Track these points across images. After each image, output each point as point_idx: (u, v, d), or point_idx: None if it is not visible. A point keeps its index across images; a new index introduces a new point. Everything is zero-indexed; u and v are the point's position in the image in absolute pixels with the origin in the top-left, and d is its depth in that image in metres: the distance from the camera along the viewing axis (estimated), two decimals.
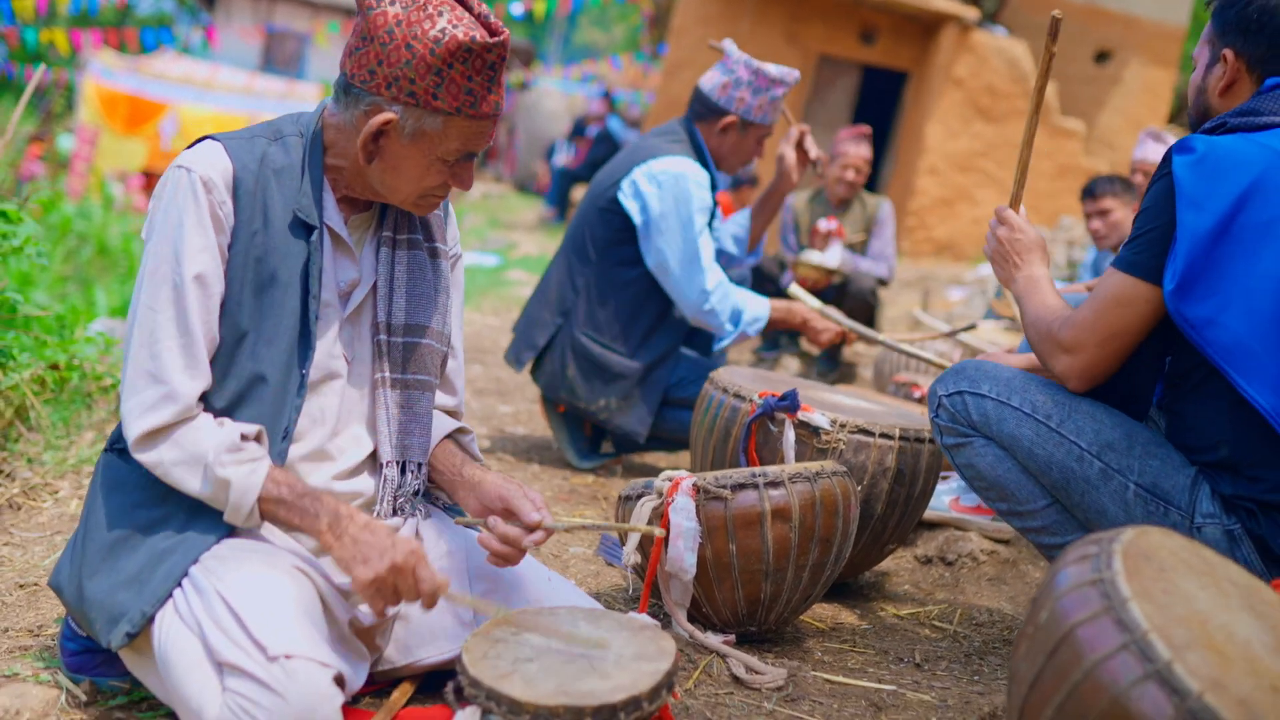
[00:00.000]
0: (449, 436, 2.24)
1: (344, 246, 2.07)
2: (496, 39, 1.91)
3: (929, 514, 3.47)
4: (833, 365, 6.37)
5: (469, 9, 1.95)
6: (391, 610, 1.92)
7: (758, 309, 3.86)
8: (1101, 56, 13.49)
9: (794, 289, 4.09)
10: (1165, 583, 1.62)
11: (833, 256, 6.03)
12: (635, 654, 1.87)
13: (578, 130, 17.52)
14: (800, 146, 4.09)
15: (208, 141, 1.97)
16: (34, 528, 2.92)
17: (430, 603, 1.86)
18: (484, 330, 6.97)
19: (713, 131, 3.93)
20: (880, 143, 14.37)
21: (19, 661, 2.10)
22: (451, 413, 2.30)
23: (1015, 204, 2.63)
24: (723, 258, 4.23)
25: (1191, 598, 1.62)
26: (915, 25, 12.99)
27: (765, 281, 6.29)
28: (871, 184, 14.16)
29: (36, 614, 2.37)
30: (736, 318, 3.84)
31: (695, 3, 13.05)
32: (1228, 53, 2.31)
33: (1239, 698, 1.43)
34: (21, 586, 2.52)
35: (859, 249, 6.60)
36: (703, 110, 3.92)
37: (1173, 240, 2.13)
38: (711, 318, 3.81)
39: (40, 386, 3.64)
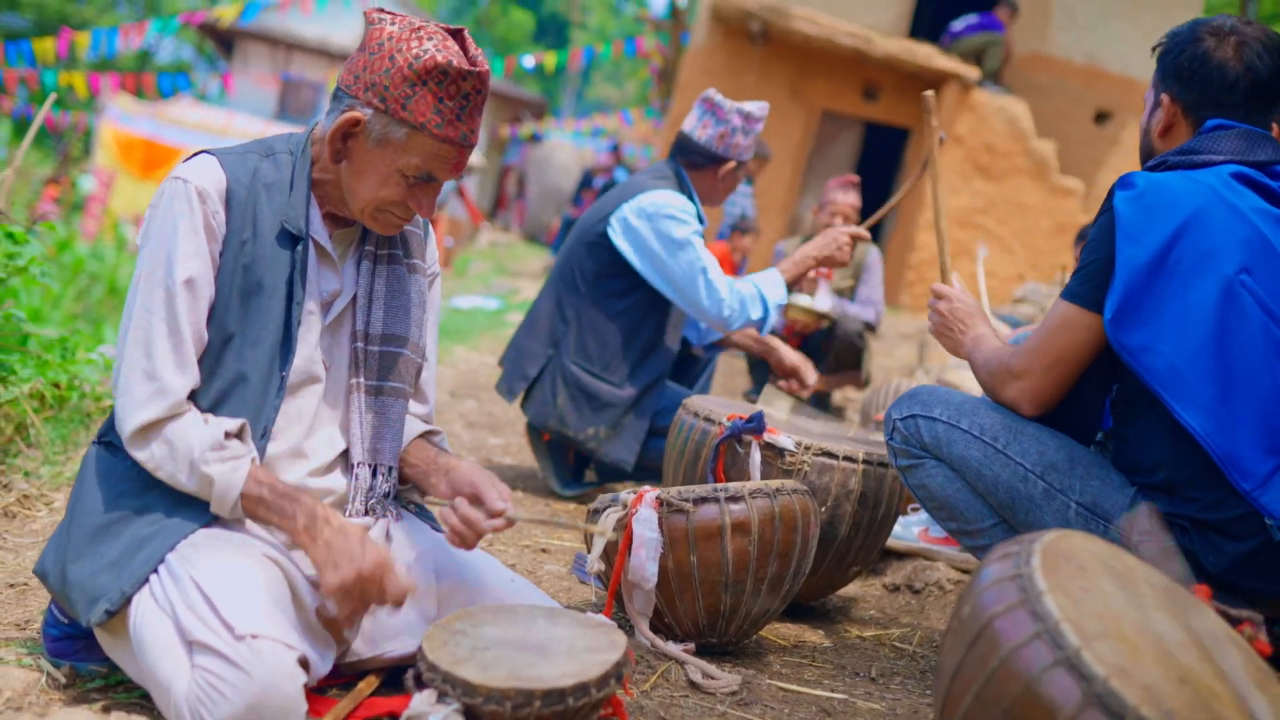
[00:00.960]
0: (420, 436, 2.35)
1: (327, 258, 2.19)
2: (472, 69, 2.02)
3: (898, 544, 3.56)
4: (822, 408, 6.47)
5: (462, 44, 2.08)
6: (360, 616, 2.01)
7: (772, 284, 4.05)
8: (1101, 117, 13.68)
9: (793, 296, 4.21)
10: (1083, 580, 1.71)
11: (822, 301, 6.14)
12: (587, 646, 1.97)
13: (585, 182, 17.72)
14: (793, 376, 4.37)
15: (203, 155, 2.10)
16: (27, 534, 3.02)
17: (397, 607, 1.97)
18: (480, 368, 7.09)
19: (712, 177, 4.12)
20: (881, 198, 14.55)
21: (3, 649, 2.20)
22: (424, 418, 2.41)
23: (946, 276, 2.78)
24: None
25: (1108, 595, 1.71)
26: (917, 83, 13.20)
27: (755, 325, 6.41)
28: (873, 237, 14.31)
29: (24, 610, 2.47)
30: (761, 300, 3.99)
31: (701, 58, 13.29)
32: (1165, 97, 2.45)
33: (1145, 684, 1.51)
34: (11, 586, 2.62)
35: (847, 294, 6.72)
36: (700, 160, 4.08)
37: (1113, 273, 2.25)
38: (740, 317, 3.97)
39: (40, 404, 3.76)
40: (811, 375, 4.32)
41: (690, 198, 4.06)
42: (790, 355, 4.34)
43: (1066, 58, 13.39)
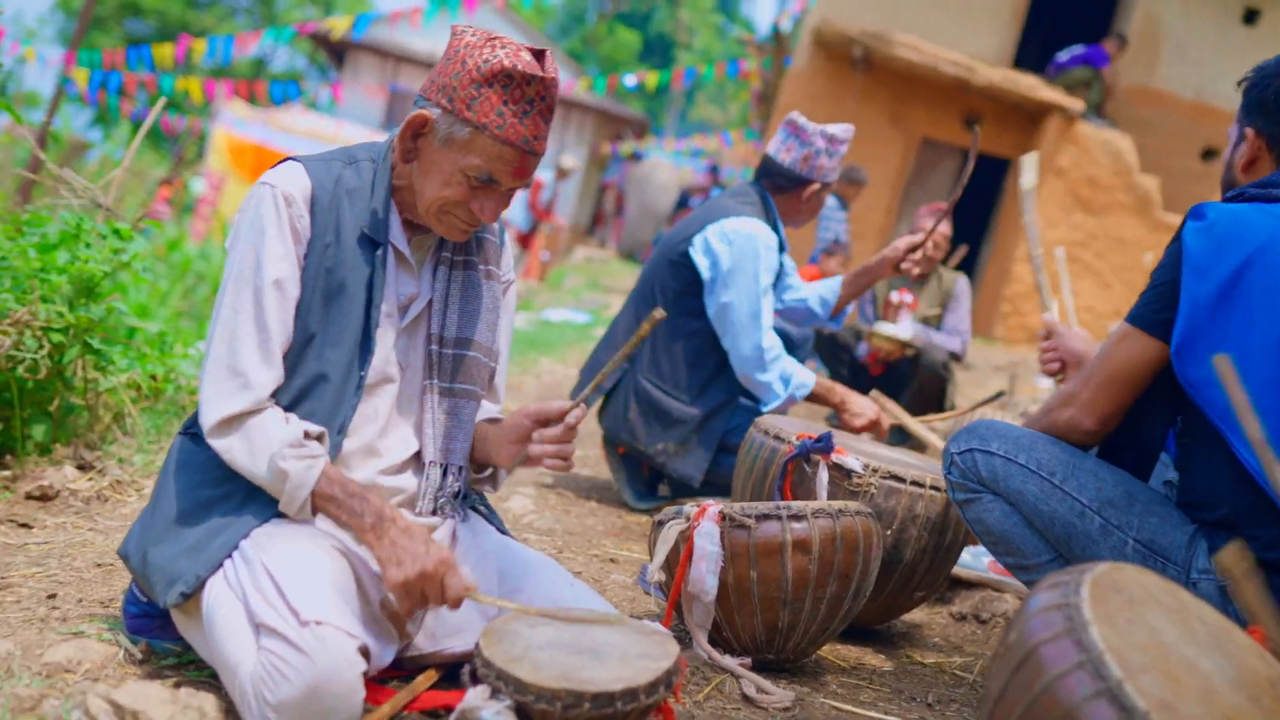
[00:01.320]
0: (485, 419, 2.43)
1: (406, 263, 2.27)
2: (537, 74, 2.08)
3: (967, 574, 3.55)
4: (903, 436, 6.43)
5: (539, 59, 2.12)
6: (420, 611, 2.07)
7: (805, 377, 4.02)
8: (1208, 154, 13.42)
9: (876, 325, 4.18)
10: (1131, 613, 1.71)
11: (905, 329, 6.12)
12: (640, 653, 2.01)
13: (682, 203, 17.83)
14: (912, 251, 4.21)
15: (290, 162, 2.20)
16: (117, 518, 3.15)
17: (455, 606, 2.02)
18: (564, 380, 7.18)
19: (797, 199, 4.14)
20: (980, 229, 14.42)
21: (87, 623, 2.31)
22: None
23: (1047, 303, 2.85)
24: (806, 314, 4.37)
25: (1156, 629, 1.71)
26: (1020, 114, 13.08)
27: (840, 350, 6.41)
28: (969, 268, 14.19)
29: (109, 589, 2.59)
30: (786, 381, 3.98)
31: (802, 82, 13.31)
32: (1249, 131, 2.43)
33: None
34: (99, 566, 2.74)
35: (933, 323, 6.68)
36: (784, 183, 4.11)
37: (1176, 300, 2.24)
38: (763, 377, 3.96)
39: (137, 394, 3.91)
40: (884, 425, 4.17)
41: (774, 222, 4.09)
42: (860, 417, 4.12)
43: (1175, 92, 13.17)
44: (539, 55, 2.13)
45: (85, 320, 3.40)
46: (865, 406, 4.06)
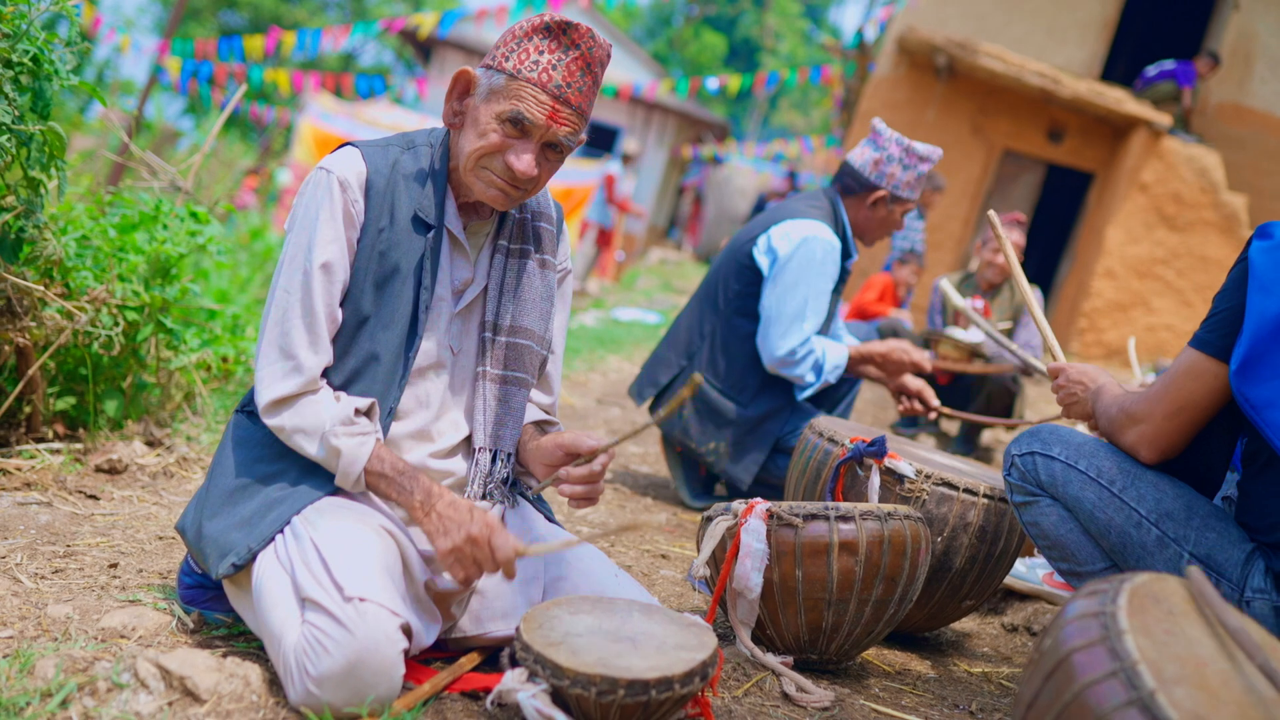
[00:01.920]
0: (534, 423, 2.45)
1: (460, 248, 2.31)
2: (573, 23, 2.13)
3: (1020, 585, 3.52)
4: (970, 447, 6.39)
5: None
6: (475, 580, 2.08)
7: (836, 358, 4.01)
8: None
9: (944, 283, 4.07)
10: (1170, 624, 1.70)
11: (975, 335, 6.07)
12: (677, 644, 2.03)
13: (759, 207, 17.82)
14: (917, 398, 4.17)
15: (348, 147, 2.25)
16: (181, 493, 3.23)
17: (509, 571, 2.03)
18: (629, 378, 7.20)
19: (862, 205, 4.09)
20: (1059, 242, 14.23)
21: (144, 592, 2.38)
22: (546, 409, 2.51)
23: (1056, 355, 2.81)
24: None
25: (1195, 642, 1.69)
26: (1105, 127, 12.89)
27: None
28: (1046, 282, 14.00)
29: (169, 561, 2.66)
30: (819, 369, 3.97)
31: (884, 89, 13.22)
32: None
33: None
34: (160, 538, 2.82)
35: (1005, 336, 6.61)
36: (853, 185, 4.08)
37: (1242, 323, 2.20)
38: (790, 371, 3.95)
39: (208, 374, 4.01)
40: (933, 398, 4.15)
41: (843, 230, 4.07)
42: (903, 363, 4.11)
43: (1267, 110, 12.89)
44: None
45: (160, 300, 3.49)
46: (903, 356, 4.04)
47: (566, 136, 2.18)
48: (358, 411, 2.14)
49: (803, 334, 3.91)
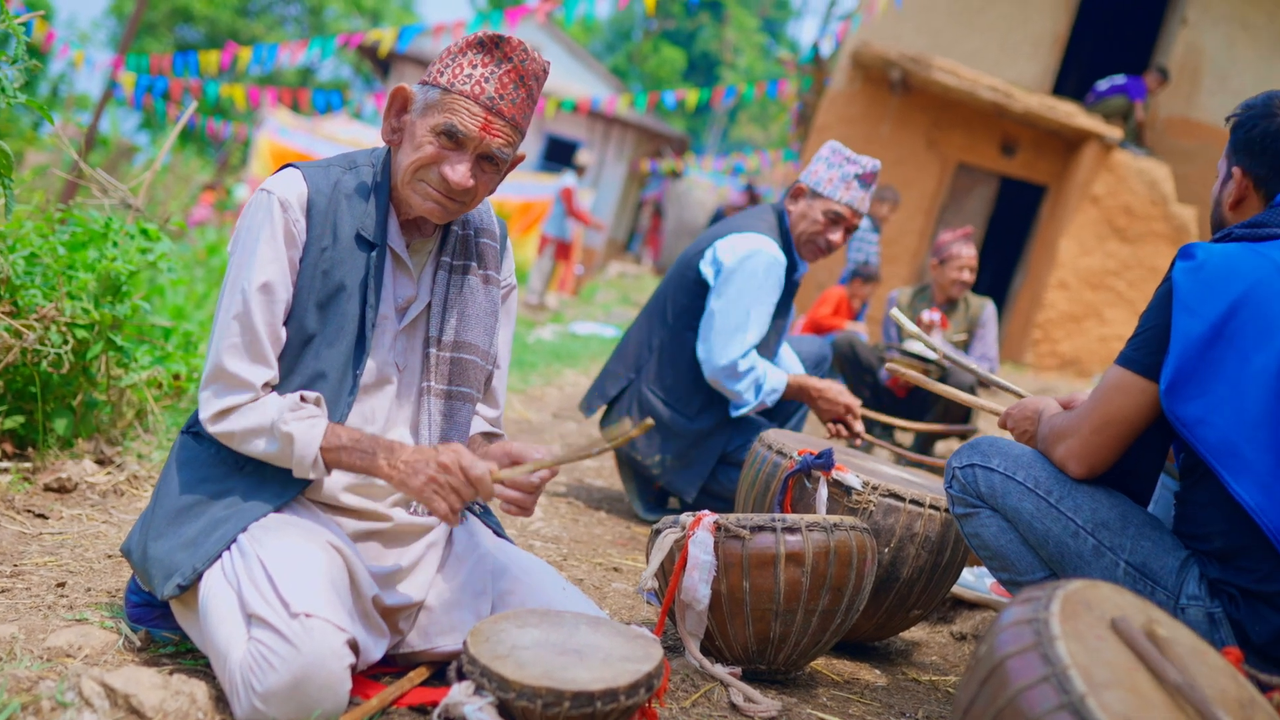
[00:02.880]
0: (481, 434, 2.48)
1: (403, 266, 2.33)
2: (504, 36, 2.17)
3: (969, 594, 3.56)
4: (925, 456, 6.43)
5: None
6: (458, 510, 2.08)
7: (775, 382, 4.04)
8: None
9: (895, 312, 4.17)
10: (1101, 630, 1.73)
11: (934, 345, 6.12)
12: (623, 655, 2.05)
13: (716, 220, 17.88)
14: (848, 426, 4.14)
15: (288, 169, 2.27)
16: (132, 511, 3.22)
17: (486, 490, 2.07)
18: (585, 392, 7.22)
19: (789, 201, 4.16)
20: (1013, 254, 14.38)
21: (91, 611, 2.38)
22: (492, 422, 2.53)
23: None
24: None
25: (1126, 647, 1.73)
26: (1057, 141, 13.05)
27: (864, 372, 6.41)
28: (1000, 294, 14.14)
29: (117, 580, 2.65)
30: (758, 388, 4.00)
31: (839, 104, 13.33)
32: (1237, 170, 2.44)
33: None
34: (110, 557, 2.81)
35: (960, 348, 6.68)
36: (791, 190, 4.16)
37: (1168, 342, 2.25)
38: (730, 384, 3.97)
39: (159, 391, 3.99)
40: (858, 424, 4.11)
41: (787, 243, 4.11)
42: (834, 404, 4.08)
43: (1214, 123, 13.09)
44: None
45: (109, 317, 3.48)
46: (836, 400, 4.04)
47: (500, 149, 2.21)
48: (304, 399, 2.17)
49: (744, 345, 3.94)
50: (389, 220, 2.30)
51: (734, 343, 3.95)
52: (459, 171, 2.19)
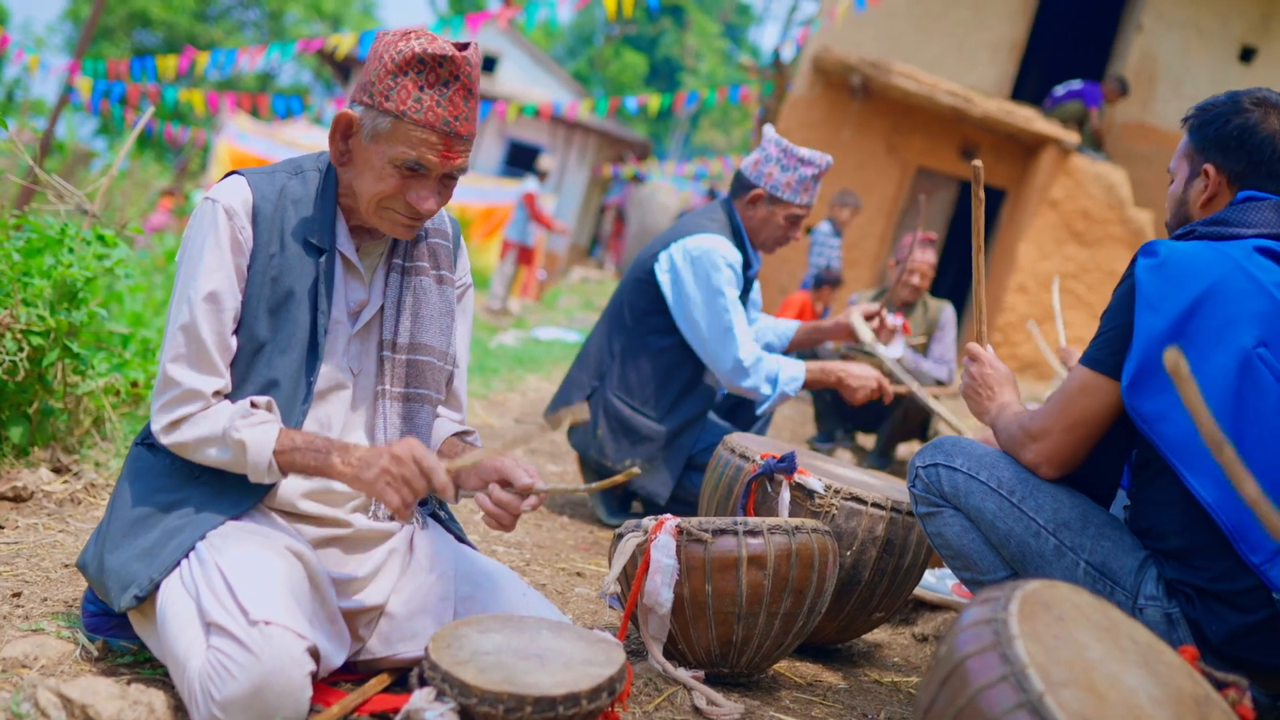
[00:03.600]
0: (453, 435, 2.46)
1: (354, 270, 2.31)
2: (448, 54, 2.09)
3: (931, 596, 3.58)
4: (885, 461, 6.48)
5: (460, 45, 2.14)
6: (411, 504, 2.06)
7: (794, 370, 4.05)
8: None
9: (855, 319, 4.21)
10: (1060, 629, 1.75)
11: (895, 351, 6.17)
12: (585, 660, 2.05)
13: None
14: (873, 320, 4.31)
15: (233, 176, 2.24)
16: (89, 520, 3.19)
17: (440, 484, 2.04)
18: (548, 397, 7.20)
19: (745, 206, 4.16)
20: (971, 258, 14.45)
21: (48, 621, 2.35)
22: (457, 424, 2.51)
23: (982, 342, 2.81)
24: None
25: (1084, 646, 1.75)
26: (1015, 145, 13.16)
27: None
28: (960, 297, 14.24)
29: (74, 589, 2.62)
30: (774, 380, 4.01)
31: (800, 109, 13.38)
32: (1209, 167, 2.46)
33: None
34: (66, 566, 2.78)
35: (920, 351, 6.73)
36: (738, 187, 4.18)
37: (1131, 339, 2.28)
38: (748, 384, 3.99)
39: (117, 399, 3.95)
40: (888, 390, 4.22)
41: (740, 239, 4.13)
42: (862, 388, 4.15)
43: (1170, 128, 13.24)
44: (462, 46, 2.14)
45: (65, 324, 3.45)
46: (866, 377, 4.10)
47: (461, 165, 2.19)
48: (254, 405, 2.14)
49: (738, 339, 3.96)
50: (337, 225, 2.28)
51: (728, 342, 3.97)
52: (429, 202, 2.18)
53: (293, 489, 2.24)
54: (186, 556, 2.07)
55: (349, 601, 2.20)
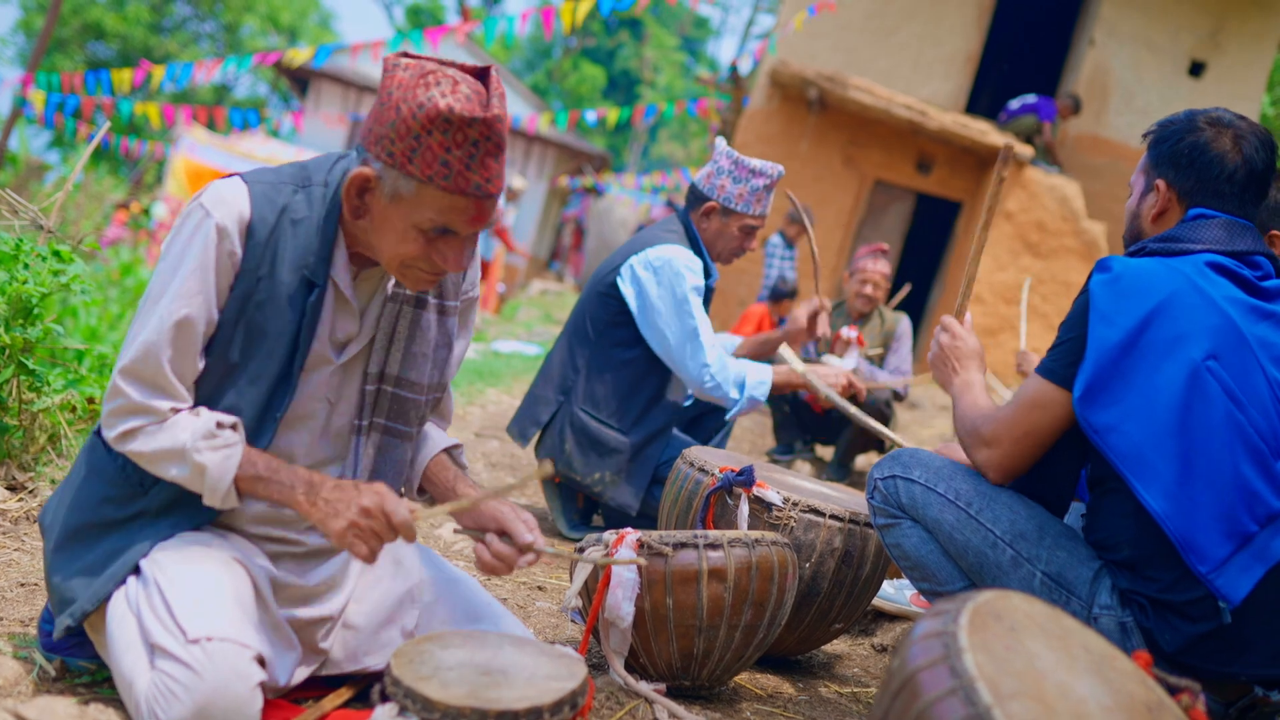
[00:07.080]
0: (442, 451, 2.41)
1: (345, 301, 2.18)
2: (477, 115, 1.91)
3: (889, 607, 3.62)
4: (844, 472, 6.53)
5: (485, 84, 1.97)
6: (378, 552, 2.01)
7: (760, 374, 4.10)
8: None
9: (782, 350, 4.30)
10: (1010, 640, 1.78)
11: (849, 363, 6.23)
12: (547, 674, 2.06)
13: None
14: (813, 317, 4.40)
15: (236, 182, 2.08)
16: None
17: (409, 533, 2.00)
18: (509, 410, 7.21)
19: (700, 218, 4.21)
20: (930, 270, 14.60)
21: (3, 641, 2.33)
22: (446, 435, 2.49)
23: (960, 314, 2.84)
24: None
25: (1035, 656, 1.78)
26: (971, 158, 13.29)
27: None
28: (917, 309, 14.36)
29: (30, 608, 2.60)
30: (741, 385, 4.05)
31: (757, 122, 13.46)
32: (1160, 183, 2.52)
33: None
34: (23, 585, 2.75)
35: (877, 362, 6.78)
36: (692, 199, 4.23)
37: (1085, 351, 2.33)
38: (716, 390, 4.03)
39: (73, 415, 3.93)
40: (860, 388, 4.37)
41: (698, 248, 4.18)
42: (834, 387, 4.27)
43: (1122, 141, 13.44)
44: (482, 75, 2.00)
45: (20, 341, 3.42)
46: (836, 374, 4.17)
47: (490, 222, 2.06)
48: (220, 425, 2.04)
49: (703, 345, 4.00)
50: (335, 253, 2.13)
51: (695, 349, 4.01)
52: (454, 259, 2.06)
53: (245, 514, 2.19)
54: (126, 580, 2.06)
55: (306, 610, 2.19)
